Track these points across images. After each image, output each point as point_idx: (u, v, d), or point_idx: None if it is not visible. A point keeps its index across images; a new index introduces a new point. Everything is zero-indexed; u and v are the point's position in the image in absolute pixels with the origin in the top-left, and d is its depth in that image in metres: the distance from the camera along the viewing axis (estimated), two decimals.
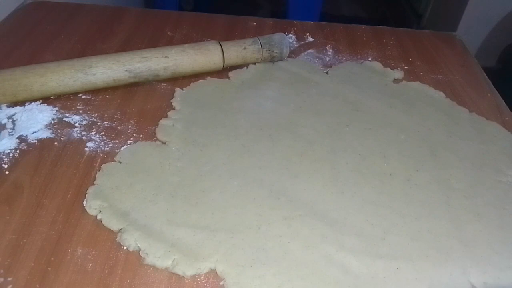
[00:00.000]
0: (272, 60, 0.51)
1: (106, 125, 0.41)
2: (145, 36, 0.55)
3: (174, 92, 0.45)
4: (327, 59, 0.53)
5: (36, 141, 0.39)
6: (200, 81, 0.47)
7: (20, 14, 0.58)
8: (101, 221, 0.32)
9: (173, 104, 0.44)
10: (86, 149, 0.38)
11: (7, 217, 0.32)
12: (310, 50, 0.55)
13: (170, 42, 0.54)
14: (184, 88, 0.46)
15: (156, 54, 0.45)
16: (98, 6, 0.63)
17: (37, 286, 0.28)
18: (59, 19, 0.58)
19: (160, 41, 0.54)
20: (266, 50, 0.49)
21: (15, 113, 0.41)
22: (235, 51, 0.48)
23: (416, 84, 0.50)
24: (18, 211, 0.32)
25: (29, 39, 0.53)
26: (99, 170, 0.36)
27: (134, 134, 0.40)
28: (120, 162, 0.37)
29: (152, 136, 0.40)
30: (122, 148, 0.38)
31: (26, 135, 0.39)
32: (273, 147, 0.39)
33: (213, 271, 0.30)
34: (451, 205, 0.35)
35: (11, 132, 0.39)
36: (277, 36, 0.51)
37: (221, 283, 0.29)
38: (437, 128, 0.43)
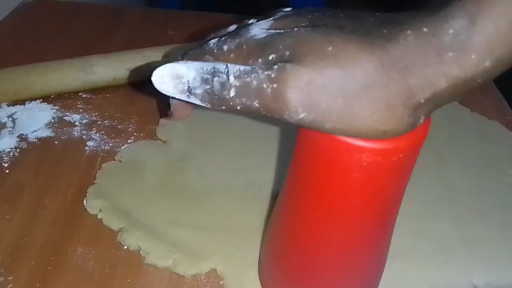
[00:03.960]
0: None
1: (107, 124, 0.41)
2: (146, 35, 0.55)
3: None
4: None
5: (37, 140, 0.38)
6: None
7: (21, 13, 0.58)
8: (102, 221, 0.32)
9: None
10: (87, 148, 0.38)
11: (8, 216, 0.32)
12: None
13: (172, 41, 0.54)
14: None
15: (157, 53, 0.45)
16: (99, 5, 0.63)
17: (37, 285, 0.28)
18: (60, 18, 0.58)
19: (162, 40, 0.54)
20: None
21: (16, 112, 0.41)
22: None
23: None
24: (18, 210, 0.32)
25: (29, 38, 0.53)
26: (100, 169, 0.36)
27: (135, 133, 0.40)
28: (120, 161, 0.37)
29: (152, 135, 0.40)
30: (123, 147, 0.38)
31: (27, 134, 0.39)
32: (275, 147, 0.39)
33: (214, 271, 0.29)
34: (453, 205, 0.35)
35: (12, 131, 0.39)
36: None
37: (221, 282, 0.29)
38: (439, 128, 0.43)
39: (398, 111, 0.17)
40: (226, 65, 0.18)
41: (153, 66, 0.19)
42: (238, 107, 0.18)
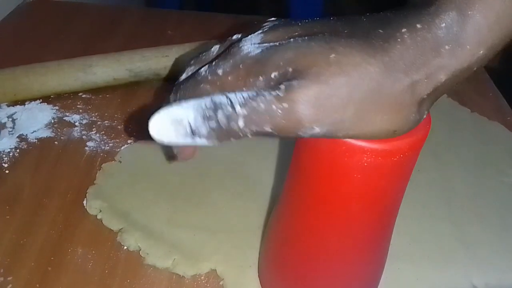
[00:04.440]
0: None
1: (107, 124, 0.41)
2: (145, 35, 0.55)
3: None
4: None
5: (36, 140, 0.38)
6: None
7: (21, 13, 0.58)
8: (102, 221, 0.32)
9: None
10: (86, 148, 0.38)
11: (7, 217, 0.32)
12: None
13: (171, 41, 0.54)
14: None
15: (156, 53, 0.45)
16: (98, 6, 0.63)
17: (37, 285, 0.28)
18: (59, 18, 0.57)
19: (161, 40, 0.54)
20: None
21: (15, 112, 0.41)
22: None
23: None
24: (18, 211, 0.32)
25: (29, 38, 0.53)
26: (100, 169, 0.36)
27: (135, 134, 0.40)
28: (120, 162, 0.37)
29: None
30: (123, 148, 0.38)
31: (26, 134, 0.39)
32: (275, 147, 0.39)
33: (214, 271, 0.30)
34: (452, 206, 0.35)
35: (11, 131, 0.39)
36: None
37: (221, 283, 0.29)
38: (438, 129, 0.43)
39: (405, 109, 0.17)
40: (226, 95, 0.17)
41: (152, 68, 0.18)
42: (249, 135, 0.17)
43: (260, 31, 0.19)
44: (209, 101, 0.17)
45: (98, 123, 0.41)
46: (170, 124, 0.17)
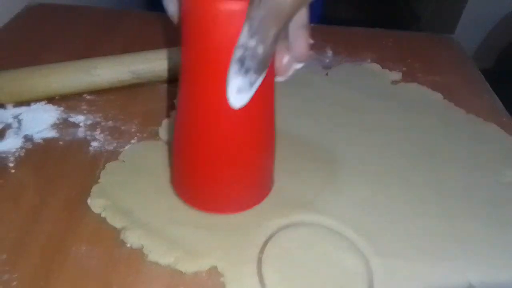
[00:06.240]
0: None
1: (110, 125, 0.41)
2: (148, 37, 0.56)
3: (177, 92, 0.46)
4: (327, 61, 0.54)
5: (41, 140, 0.39)
6: None
7: (24, 17, 0.58)
8: (105, 219, 0.33)
9: (176, 104, 0.44)
10: (90, 148, 0.39)
11: (13, 215, 0.33)
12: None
13: (174, 43, 0.54)
14: None
15: (159, 55, 0.46)
16: (100, 9, 0.63)
17: (41, 283, 0.29)
18: (62, 22, 0.58)
19: (164, 42, 0.55)
20: None
21: (21, 113, 0.41)
22: None
23: (414, 86, 0.50)
24: (23, 209, 0.33)
25: (32, 41, 0.53)
26: (103, 169, 0.36)
27: (138, 134, 0.41)
28: (123, 161, 0.37)
29: (155, 136, 0.41)
30: (126, 148, 0.39)
31: (32, 135, 0.39)
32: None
33: (215, 268, 0.30)
34: (448, 205, 0.36)
35: (17, 131, 0.40)
36: None
37: (221, 279, 0.30)
38: (434, 129, 0.44)
39: None
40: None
41: (155, 70, 0.20)
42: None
43: None
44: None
45: (102, 123, 0.41)
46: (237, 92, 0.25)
